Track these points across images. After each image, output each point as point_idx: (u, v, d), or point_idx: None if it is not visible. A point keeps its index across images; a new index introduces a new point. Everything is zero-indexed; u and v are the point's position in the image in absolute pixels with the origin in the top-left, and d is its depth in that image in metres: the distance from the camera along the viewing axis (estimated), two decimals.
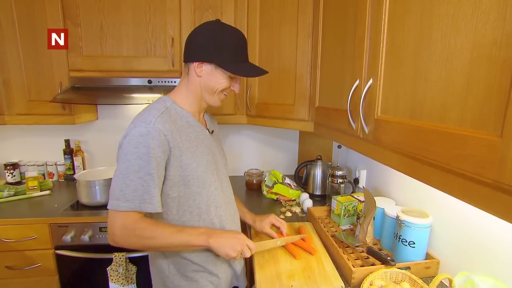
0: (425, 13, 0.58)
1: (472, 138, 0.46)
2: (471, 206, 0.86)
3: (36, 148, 1.97)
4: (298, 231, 1.24)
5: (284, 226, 1.13)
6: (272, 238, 1.08)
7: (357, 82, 0.85)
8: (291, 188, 1.66)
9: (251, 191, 1.84)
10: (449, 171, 0.53)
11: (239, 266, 1.04)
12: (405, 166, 0.67)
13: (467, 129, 0.48)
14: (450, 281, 0.77)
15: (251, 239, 1.21)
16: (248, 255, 0.88)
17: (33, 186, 1.69)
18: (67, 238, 1.40)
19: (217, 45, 0.85)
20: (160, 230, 0.80)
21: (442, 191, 0.56)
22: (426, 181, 0.61)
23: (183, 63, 0.93)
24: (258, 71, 0.92)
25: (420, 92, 0.61)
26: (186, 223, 0.88)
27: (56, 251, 1.44)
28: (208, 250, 0.88)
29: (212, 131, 1.02)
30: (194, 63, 0.87)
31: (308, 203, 1.49)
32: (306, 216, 1.45)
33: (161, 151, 0.79)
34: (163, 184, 0.83)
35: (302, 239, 1.13)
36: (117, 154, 0.83)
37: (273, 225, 1.13)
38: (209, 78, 0.89)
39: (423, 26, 0.59)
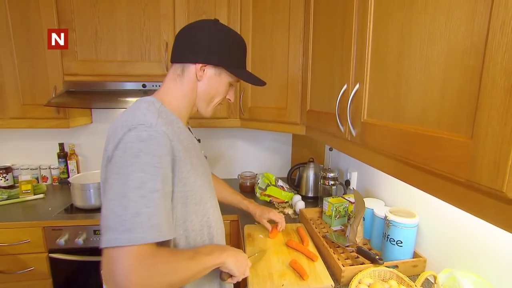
0: (405, 22, 0.62)
1: (447, 140, 0.49)
2: (453, 206, 0.90)
3: (30, 152, 1.97)
4: (297, 232, 1.26)
5: (282, 220, 1.22)
6: (267, 229, 1.23)
7: (345, 86, 0.88)
8: (284, 190, 1.69)
9: (245, 193, 1.85)
10: (428, 171, 0.56)
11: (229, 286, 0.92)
12: (389, 167, 0.70)
13: (443, 132, 0.52)
14: (435, 277, 0.80)
15: (243, 238, 1.23)
16: (248, 274, 0.84)
17: (26, 190, 1.69)
18: (61, 241, 1.40)
19: (227, 47, 0.77)
20: (181, 258, 0.64)
21: (423, 191, 0.59)
22: (408, 182, 0.64)
23: (175, 63, 0.79)
24: (259, 80, 0.86)
25: (402, 96, 0.64)
26: (177, 247, 0.72)
27: (49, 254, 1.44)
28: (212, 279, 0.81)
29: (199, 140, 0.91)
30: (197, 64, 0.76)
31: (300, 204, 1.52)
32: (299, 217, 1.47)
33: (169, 161, 0.64)
34: None
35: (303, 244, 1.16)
36: (103, 172, 0.65)
37: (271, 219, 1.22)
38: (211, 83, 0.79)
39: (404, 34, 0.62)
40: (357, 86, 0.81)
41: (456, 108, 0.49)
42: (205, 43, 0.75)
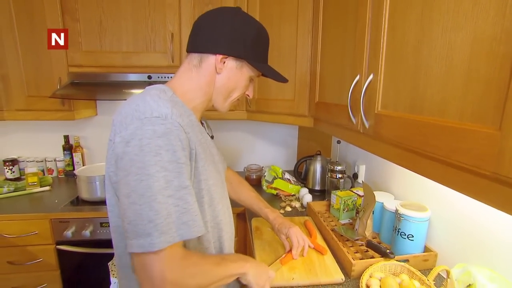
0: (425, 8, 0.59)
1: (471, 131, 0.48)
2: (468, 200, 0.88)
3: (35, 144, 1.97)
4: (304, 225, 1.25)
5: (296, 248, 0.98)
6: (285, 247, 1.03)
7: (358, 77, 0.86)
8: (290, 183, 1.68)
9: (251, 186, 1.84)
10: (448, 164, 0.54)
11: None
12: (405, 160, 0.68)
13: (466, 123, 0.50)
14: (448, 272, 0.79)
15: (251, 232, 1.22)
16: (269, 287, 0.78)
17: (33, 182, 1.70)
18: (68, 233, 1.41)
19: (252, 39, 0.71)
20: (209, 262, 0.63)
21: (442, 184, 0.57)
22: (426, 175, 0.62)
23: (191, 53, 0.72)
24: (282, 76, 0.81)
25: (421, 87, 0.61)
26: (187, 246, 0.69)
27: (57, 246, 1.45)
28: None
29: (212, 136, 0.86)
30: (217, 55, 0.69)
31: (307, 197, 1.51)
32: (306, 210, 1.46)
33: (187, 155, 0.60)
34: None
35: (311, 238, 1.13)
36: (111, 165, 0.61)
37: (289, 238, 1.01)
38: (231, 77, 0.73)
39: (424, 21, 0.60)
40: (371, 76, 0.79)
41: (482, 98, 0.47)
42: (228, 33, 0.68)
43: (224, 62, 0.71)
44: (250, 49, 0.71)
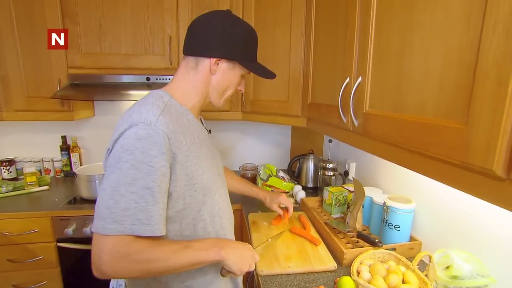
0: (407, 18, 0.67)
1: (444, 127, 0.55)
2: (448, 191, 0.97)
3: (32, 145, 1.99)
4: (298, 219, 1.32)
5: (291, 206, 1.23)
6: (280, 214, 1.25)
7: (348, 79, 0.93)
8: (284, 181, 1.75)
9: None
10: (426, 156, 0.62)
11: (240, 277, 0.93)
12: (391, 154, 0.76)
13: (440, 120, 0.57)
14: (430, 257, 0.87)
15: (248, 226, 1.28)
16: (253, 268, 0.80)
17: (31, 182, 1.72)
18: (69, 231, 1.44)
19: (241, 42, 0.78)
20: (161, 250, 0.64)
21: (422, 174, 0.65)
22: (409, 166, 0.69)
23: (187, 56, 0.79)
24: (270, 73, 0.88)
25: (403, 88, 0.69)
26: (189, 237, 0.75)
27: (58, 243, 1.48)
28: (210, 272, 0.80)
29: (210, 131, 0.94)
30: (211, 58, 0.76)
31: (301, 194, 1.58)
32: (300, 206, 1.53)
33: (165, 159, 0.65)
34: (168, 198, 0.69)
35: (305, 230, 1.22)
36: (104, 161, 0.68)
37: (281, 204, 1.24)
38: (225, 76, 0.80)
39: (405, 29, 0.67)
40: (360, 79, 0.86)
41: (453, 98, 0.54)
42: (220, 37, 0.75)
43: (218, 64, 0.78)
44: (240, 51, 0.78)
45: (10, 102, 1.62)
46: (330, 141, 1.74)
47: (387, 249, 1.01)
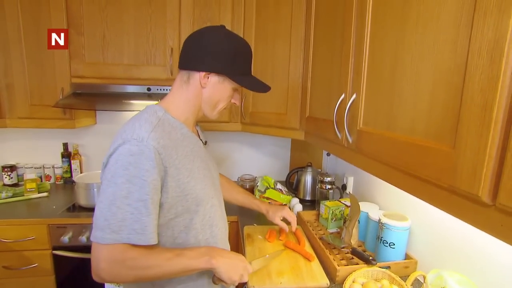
0: (398, 39, 0.67)
1: (433, 149, 0.55)
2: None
3: (34, 151, 2.01)
4: (294, 233, 1.31)
5: (294, 221, 1.20)
6: (284, 229, 1.20)
7: (343, 96, 0.94)
8: (282, 193, 1.74)
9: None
10: (416, 177, 0.62)
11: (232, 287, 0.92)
12: (382, 172, 0.76)
13: (430, 141, 0.57)
14: (424, 277, 0.85)
15: (242, 239, 1.27)
16: (246, 279, 0.82)
17: (31, 188, 1.73)
18: (65, 238, 1.44)
19: (230, 56, 0.79)
20: (155, 258, 0.69)
21: (412, 195, 0.64)
22: (399, 186, 0.69)
23: (181, 70, 0.82)
24: (264, 86, 0.88)
25: (395, 107, 0.69)
26: (181, 245, 0.79)
27: (53, 251, 1.48)
28: (202, 278, 0.82)
29: (205, 142, 0.96)
30: (201, 72, 0.79)
31: (298, 207, 1.57)
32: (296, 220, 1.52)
33: (157, 173, 0.69)
34: (160, 208, 0.73)
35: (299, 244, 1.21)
36: (100, 173, 0.72)
37: (284, 218, 1.20)
38: (215, 90, 0.82)
39: (397, 49, 0.68)
40: (354, 96, 0.86)
41: (441, 120, 0.54)
42: (209, 51, 0.78)
43: (208, 78, 0.80)
44: (229, 65, 0.79)
45: (14, 110, 1.65)
46: (328, 154, 1.74)
47: (381, 267, 0.99)
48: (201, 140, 0.91)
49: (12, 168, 1.92)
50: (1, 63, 1.59)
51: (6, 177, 1.89)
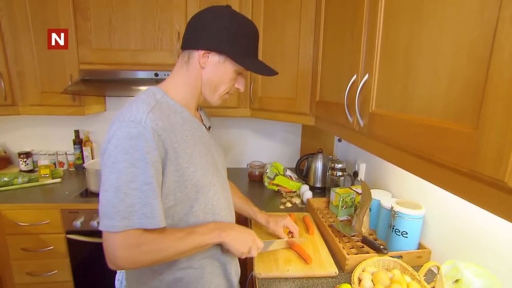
0: (415, 12, 0.61)
1: (453, 131, 0.50)
2: (461, 199, 0.90)
3: (48, 138, 2.05)
4: (303, 221, 1.28)
5: (297, 231, 1.08)
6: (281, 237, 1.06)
7: (354, 77, 0.88)
8: (292, 180, 1.71)
9: (253, 182, 1.89)
10: (432, 161, 0.57)
11: (236, 277, 0.92)
12: (395, 157, 0.71)
13: (449, 123, 0.52)
14: (438, 268, 0.81)
15: (250, 227, 1.26)
16: (255, 254, 0.83)
17: (45, 174, 1.77)
18: (77, 223, 1.47)
19: (230, 34, 0.73)
20: (168, 239, 0.70)
21: (429, 181, 0.60)
22: (413, 172, 0.64)
23: (183, 50, 0.78)
24: (269, 70, 0.82)
25: (410, 87, 0.64)
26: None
27: (67, 235, 1.52)
28: (202, 267, 0.81)
29: (209, 127, 0.91)
30: (199, 51, 0.74)
31: (308, 194, 1.54)
32: (306, 207, 1.49)
33: (157, 155, 0.67)
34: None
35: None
36: (100, 161, 0.69)
37: (286, 227, 1.09)
38: (215, 71, 0.77)
39: (413, 24, 0.62)
40: (366, 76, 0.81)
41: (462, 99, 0.49)
42: (209, 29, 0.73)
43: (208, 57, 0.75)
44: (230, 43, 0.74)
45: (26, 97, 1.67)
46: (339, 140, 1.68)
47: (392, 257, 0.96)
48: (204, 125, 0.86)
49: (28, 154, 1.96)
50: (11, 51, 1.60)
51: (22, 163, 1.95)
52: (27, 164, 1.96)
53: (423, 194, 1.10)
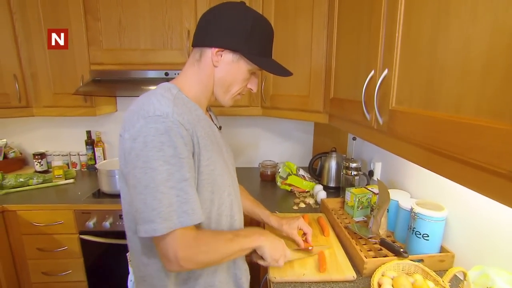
0: (442, 0, 0.57)
1: (488, 128, 0.46)
2: (486, 200, 0.84)
3: (61, 139, 2.08)
4: (317, 222, 1.25)
5: (310, 233, 1.03)
6: (299, 245, 1.01)
7: (372, 72, 0.84)
8: (305, 179, 1.67)
9: (265, 182, 1.86)
10: (464, 162, 0.52)
11: (246, 283, 0.89)
12: (419, 157, 0.67)
13: (483, 119, 0.47)
14: (465, 274, 0.76)
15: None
16: (282, 263, 0.82)
17: (58, 175, 1.79)
18: (90, 224, 1.48)
19: (246, 32, 0.70)
20: (221, 239, 0.69)
21: (457, 182, 0.55)
22: (440, 173, 0.60)
23: (194, 47, 0.75)
24: (284, 70, 0.79)
25: (436, 82, 0.59)
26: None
27: (80, 236, 1.53)
28: (211, 276, 0.77)
29: (220, 127, 0.89)
30: (213, 49, 0.71)
31: (322, 194, 1.50)
32: (320, 207, 1.45)
33: (189, 150, 0.65)
34: None
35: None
36: (122, 163, 0.67)
37: (300, 229, 1.05)
38: (228, 70, 0.74)
39: (440, 14, 0.57)
40: (386, 72, 0.77)
41: (501, 93, 0.44)
42: (223, 26, 0.70)
43: (221, 56, 0.72)
44: (245, 41, 0.71)
45: (40, 99, 1.69)
46: (354, 138, 1.63)
47: (413, 260, 0.91)
48: (216, 125, 0.84)
49: (42, 155, 1.99)
50: (25, 53, 1.62)
51: (37, 164, 1.97)
52: (42, 165, 1.99)
53: (444, 194, 1.04)
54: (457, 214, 0.98)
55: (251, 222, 1.23)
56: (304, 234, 1.05)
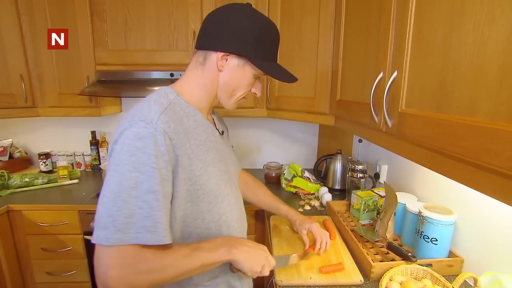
0: (456, 0, 0.56)
1: (504, 132, 0.44)
2: (497, 204, 0.83)
3: (66, 139, 2.08)
4: (323, 225, 1.23)
5: (319, 239, 1.00)
6: (305, 244, 1.03)
7: (381, 74, 0.83)
8: (310, 181, 1.66)
9: (270, 184, 1.85)
10: (478, 166, 0.51)
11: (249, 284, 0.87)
12: (430, 160, 0.65)
13: (498, 123, 0.46)
14: (475, 280, 0.75)
15: (269, 230, 1.22)
16: (267, 273, 0.73)
17: (63, 175, 1.80)
18: (94, 224, 1.47)
19: (253, 35, 0.68)
20: (172, 256, 0.60)
21: (471, 187, 0.54)
22: (452, 177, 0.59)
23: (198, 50, 0.73)
24: (290, 76, 0.77)
25: (448, 84, 0.58)
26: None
27: (84, 236, 1.53)
28: (214, 284, 0.74)
29: (222, 132, 0.85)
30: (218, 53, 0.69)
31: (327, 197, 1.49)
32: (325, 210, 1.44)
33: (167, 160, 0.60)
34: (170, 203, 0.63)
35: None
36: (106, 164, 0.67)
37: (310, 232, 1.03)
38: (233, 74, 0.71)
39: (454, 14, 0.56)
40: (395, 74, 0.76)
41: None
42: (229, 30, 0.68)
43: (226, 60, 0.70)
44: (252, 46, 0.69)
45: (45, 99, 1.69)
46: (360, 141, 1.62)
47: (421, 265, 0.90)
48: (218, 130, 0.81)
49: (47, 155, 2.00)
50: (31, 54, 1.63)
51: (42, 164, 1.98)
52: (47, 165, 2.00)
53: (452, 197, 1.03)
54: (465, 217, 0.96)
55: (252, 222, 1.23)
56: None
